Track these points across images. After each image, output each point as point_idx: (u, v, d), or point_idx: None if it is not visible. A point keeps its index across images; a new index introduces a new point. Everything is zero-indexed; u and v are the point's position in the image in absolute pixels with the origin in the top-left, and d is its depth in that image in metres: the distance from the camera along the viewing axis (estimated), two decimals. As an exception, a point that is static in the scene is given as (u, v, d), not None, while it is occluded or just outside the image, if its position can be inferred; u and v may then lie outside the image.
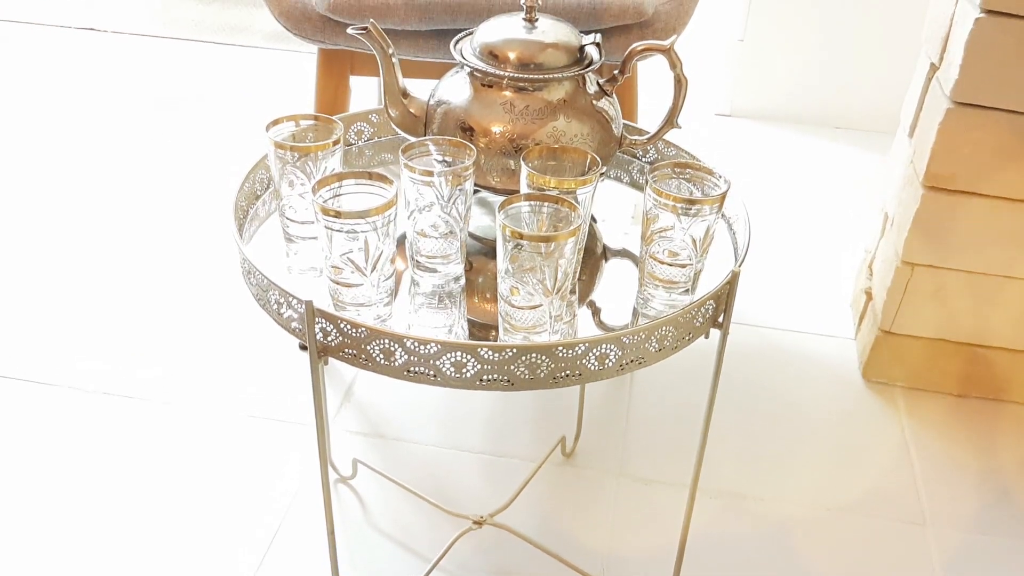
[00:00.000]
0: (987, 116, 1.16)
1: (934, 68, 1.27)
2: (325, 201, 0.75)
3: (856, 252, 1.65)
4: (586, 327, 0.84)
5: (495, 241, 0.92)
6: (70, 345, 1.37)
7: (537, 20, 0.88)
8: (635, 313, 0.84)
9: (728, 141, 2.06)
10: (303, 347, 1.39)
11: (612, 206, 1.00)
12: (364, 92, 1.59)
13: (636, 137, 0.94)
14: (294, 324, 0.76)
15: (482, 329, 0.83)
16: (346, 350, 0.74)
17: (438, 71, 1.22)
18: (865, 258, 1.50)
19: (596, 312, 0.87)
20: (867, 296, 1.44)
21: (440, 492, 1.16)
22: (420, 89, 0.94)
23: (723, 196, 0.78)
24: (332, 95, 1.25)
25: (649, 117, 1.35)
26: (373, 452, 1.22)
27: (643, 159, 1.04)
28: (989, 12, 1.11)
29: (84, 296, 1.48)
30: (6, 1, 2.57)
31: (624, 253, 0.95)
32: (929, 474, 1.23)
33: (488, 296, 0.88)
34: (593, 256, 0.92)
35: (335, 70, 1.24)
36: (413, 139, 0.91)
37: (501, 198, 0.93)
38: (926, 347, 1.33)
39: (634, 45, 0.88)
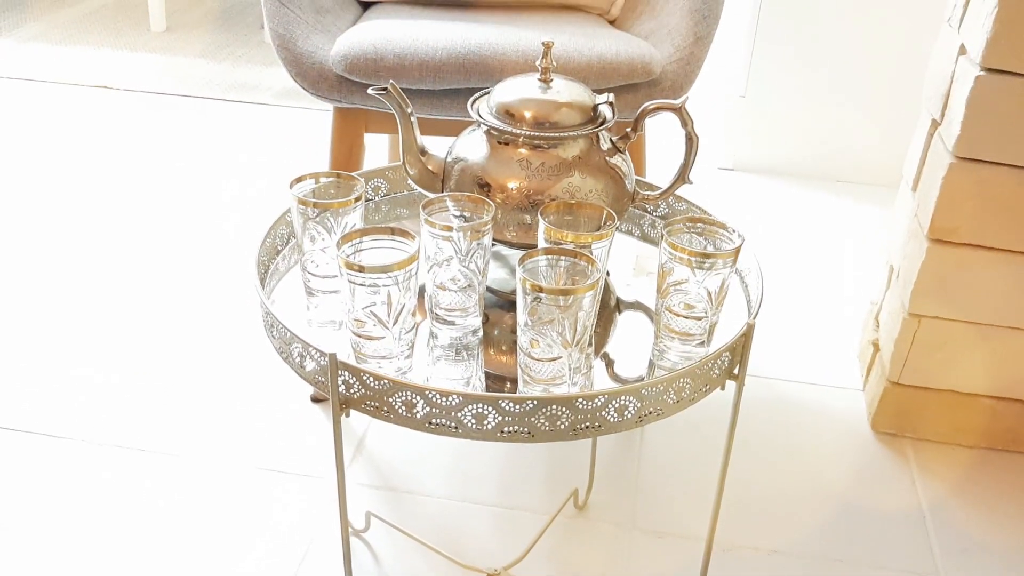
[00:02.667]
0: (990, 170, 1.19)
1: (935, 124, 1.30)
2: (349, 256, 0.76)
3: (861, 304, 1.67)
4: (601, 379, 0.85)
5: (510, 294, 0.94)
6: (82, 399, 1.38)
7: (552, 80, 0.90)
8: (651, 365, 0.85)
9: (731, 195, 2.08)
10: (315, 399, 1.40)
11: (615, 258, 1.02)
12: (373, 148, 1.62)
13: (648, 192, 0.96)
14: (317, 377, 0.77)
15: (498, 381, 0.85)
16: (368, 402, 0.75)
17: (450, 128, 1.26)
18: (871, 310, 1.52)
19: (610, 364, 0.88)
20: (874, 347, 1.45)
21: (453, 545, 1.16)
22: (432, 146, 0.96)
23: (738, 250, 0.80)
24: (347, 152, 1.27)
25: (654, 171, 1.38)
26: (385, 505, 1.23)
27: (653, 213, 1.06)
28: (989, 70, 1.14)
29: (95, 350, 1.49)
30: (19, 59, 2.62)
31: (636, 305, 0.96)
32: (942, 526, 1.23)
33: (504, 348, 0.90)
34: (607, 308, 0.94)
35: (350, 128, 1.26)
36: (430, 195, 0.93)
37: (515, 252, 0.96)
38: (934, 399, 1.34)
39: (646, 104, 0.91)
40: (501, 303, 0.94)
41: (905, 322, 1.31)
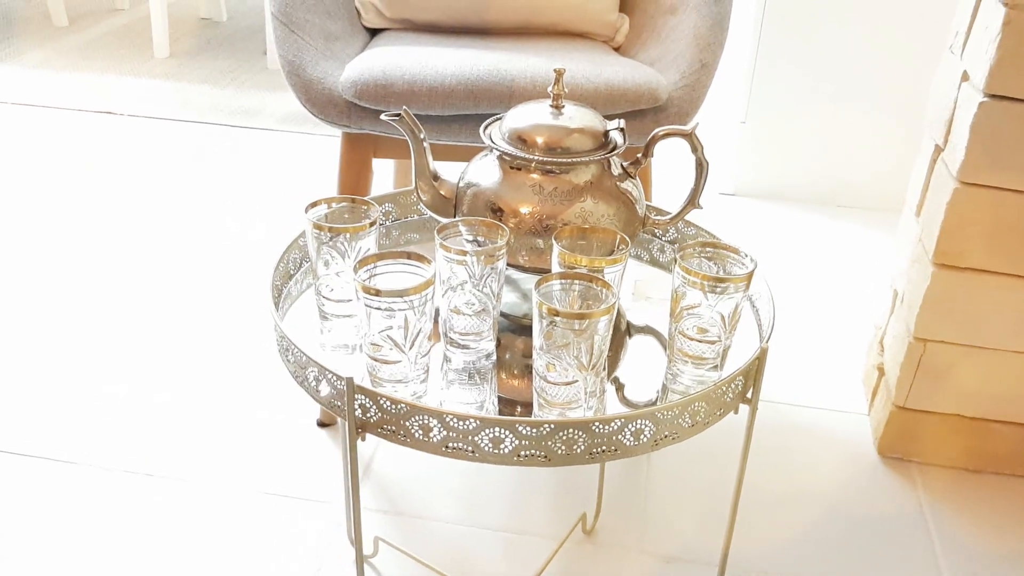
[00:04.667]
0: (994, 195, 1.20)
1: (939, 149, 1.31)
2: (365, 280, 0.77)
3: (864, 328, 1.68)
4: (612, 403, 0.85)
5: (521, 317, 0.95)
6: (89, 423, 1.38)
7: (564, 107, 0.91)
8: (664, 388, 0.85)
9: (733, 219, 2.10)
10: (321, 423, 1.40)
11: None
12: (378, 173, 1.63)
13: (659, 217, 0.97)
14: (333, 400, 0.78)
15: (510, 405, 0.85)
16: (385, 426, 0.75)
17: (458, 153, 1.27)
18: (875, 334, 1.52)
19: (620, 388, 0.89)
20: (879, 372, 1.45)
21: (462, 570, 1.16)
22: (441, 170, 0.97)
23: (751, 275, 0.80)
24: (355, 177, 1.28)
25: (658, 194, 1.39)
26: (393, 529, 1.22)
27: (662, 238, 1.07)
28: (993, 96, 1.15)
29: (102, 374, 1.49)
30: (25, 85, 2.63)
31: (646, 329, 0.97)
32: (950, 551, 1.23)
33: (516, 372, 0.90)
34: (618, 332, 0.94)
35: (359, 153, 1.27)
36: (443, 220, 0.94)
37: (526, 276, 0.96)
38: (940, 422, 1.35)
39: (657, 130, 0.92)
40: (512, 327, 0.94)
41: (910, 346, 1.32)
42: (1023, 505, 1.31)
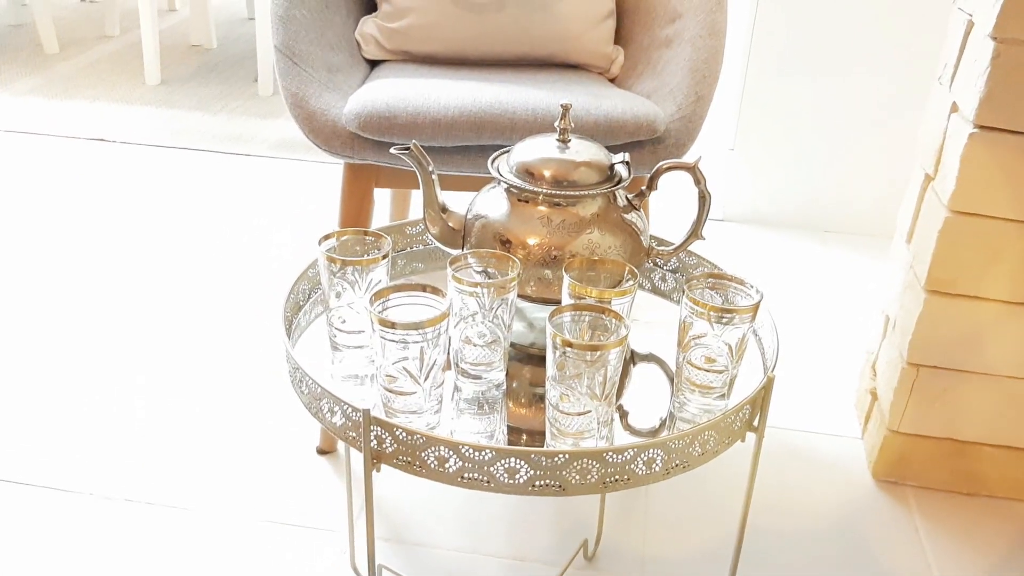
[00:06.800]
0: (985, 224, 1.22)
1: (929, 178, 1.34)
2: (380, 312, 0.78)
3: (854, 352, 1.70)
4: (617, 431, 0.87)
5: (528, 347, 0.96)
6: (90, 452, 1.37)
7: (570, 141, 0.93)
8: (671, 417, 0.87)
9: (722, 245, 2.12)
10: (321, 451, 1.40)
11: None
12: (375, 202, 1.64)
13: (663, 248, 0.99)
14: (348, 432, 0.79)
15: (519, 434, 0.86)
16: (400, 457, 0.76)
17: (459, 184, 1.28)
18: (867, 359, 1.55)
19: (624, 415, 0.90)
20: (872, 396, 1.47)
21: (466, 598, 1.16)
22: (449, 202, 0.98)
23: (757, 305, 0.82)
24: (357, 206, 1.29)
25: (653, 223, 1.41)
26: (395, 557, 1.23)
27: (664, 267, 1.08)
28: (982, 128, 1.18)
29: (100, 403, 1.49)
30: (16, 113, 2.64)
31: (649, 357, 0.98)
32: (948, 574, 1.24)
33: (524, 400, 0.92)
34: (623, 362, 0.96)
35: (360, 183, 1.29)
36: (450, 251, 0.95)
37: (533, 305, 0.98)
38: (935, 447, 1.37)
39: (661, 163, 0.94)
40: (519, 356, 0.96)
41: (904, 371, 1.34)
42: (1017, 528, 1.33)
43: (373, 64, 1.46)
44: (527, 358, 0.96)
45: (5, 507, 1.27)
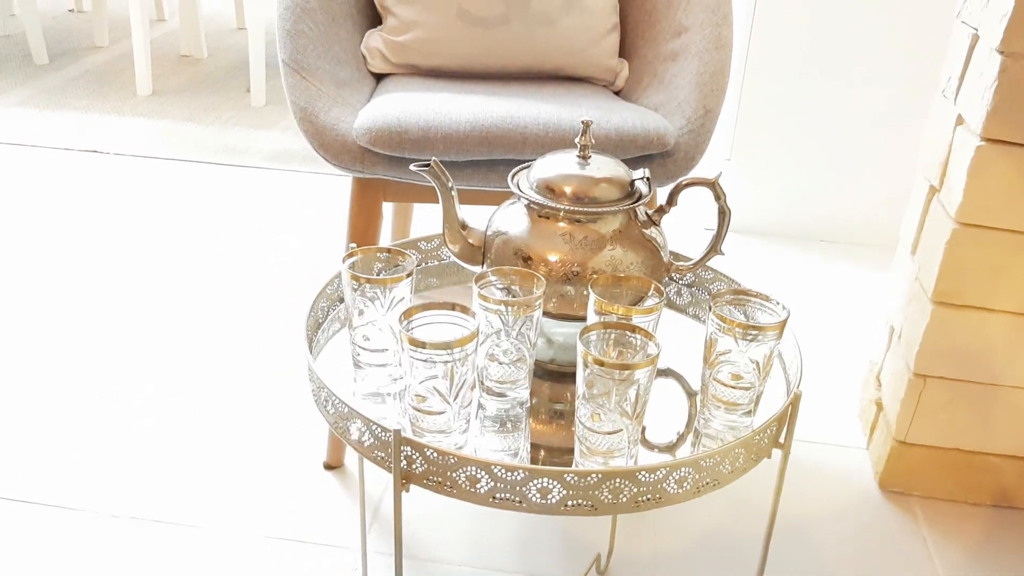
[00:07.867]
0: (992, 236, 1.23)
1: (934, 190, 1.35)
2: (409, 331, 0.78)
3: (856, 362, 1.71)
4: (641, 451, 0.86)
5: (548, 363, 0.96)
6: (96, 469, 1.36)
7: (590, 157, 0.93)
8: (696, 434, 0.87)
9: (721, 257, 2.12)
10: (328, 466, 1.40)
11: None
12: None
13: (682, 263, 0.99)
14: (376, 452, 0.78)
15: (542, 451, 0.86)
16: (430, 477, 0.76)
17: (470, 198, 1.28)
18: (871, 369, 1.55)
19: (643, 431, 0.90)
20: (877, 407, 1.48)
21: (480, 614, 1.16)
22: (468, 219, 0.98)
23: (784, 323, 0.82)
24: (366, 221, 1.29)
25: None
26: (405, 573, 1.22)
27: (680, 281, 1.09)
28: (989, 140, 1.19)
29: (105, 421, 1.47)
30: (7, 124, 2.61)
31: (668, 372, 0.98)
32: (957, 583, 1.25)
33: (545, 417, 0.91)
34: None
35: (369, 197, 1.28)
36: (470, 268, 0.95)
37: (553, 321, 0.97)
38: (941, 457, 1.37)
39: (681, 179, 0.94)
40: (539, 372, 0.95)
41: (910, 382, 1.34)
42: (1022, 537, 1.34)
43: (379, 78, 1.46)
44: (547, 374, 0.96)
45: (10, 526, 1.25)
